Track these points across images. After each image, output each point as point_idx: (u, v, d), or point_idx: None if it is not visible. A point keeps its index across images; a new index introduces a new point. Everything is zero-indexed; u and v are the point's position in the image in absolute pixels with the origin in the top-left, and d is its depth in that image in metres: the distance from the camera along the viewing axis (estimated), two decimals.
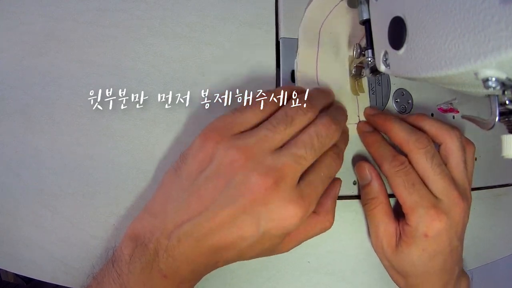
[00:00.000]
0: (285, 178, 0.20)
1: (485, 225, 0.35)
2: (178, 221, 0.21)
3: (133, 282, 0.21)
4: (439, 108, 0.33)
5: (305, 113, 0.23)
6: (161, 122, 0.28)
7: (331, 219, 0.25)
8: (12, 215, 0.26)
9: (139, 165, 0.27)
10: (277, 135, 0.21)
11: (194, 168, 0.22)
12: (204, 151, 0.22)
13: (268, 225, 0.21)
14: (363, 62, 0.28)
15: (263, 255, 0.24)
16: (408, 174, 0.26)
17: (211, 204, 0.21)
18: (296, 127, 0.22)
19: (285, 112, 0.23)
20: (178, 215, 0.21)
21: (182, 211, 0.21)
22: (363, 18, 0.26)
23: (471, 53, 0.15)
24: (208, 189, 0.21)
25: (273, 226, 0.21)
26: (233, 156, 0.21)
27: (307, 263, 0.30)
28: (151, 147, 0.27)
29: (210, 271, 0.24)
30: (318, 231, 0.25)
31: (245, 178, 0.20)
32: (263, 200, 0.20)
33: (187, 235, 0.21)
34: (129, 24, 0.28)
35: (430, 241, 0.25)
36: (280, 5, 0.31)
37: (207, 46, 0.29)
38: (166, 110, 0.28)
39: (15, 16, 0.27)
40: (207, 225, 0.21)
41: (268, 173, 0.20)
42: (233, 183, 0.20)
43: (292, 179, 0.21)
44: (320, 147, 0.22)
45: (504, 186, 0.36)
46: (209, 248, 0.21)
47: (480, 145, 0.34)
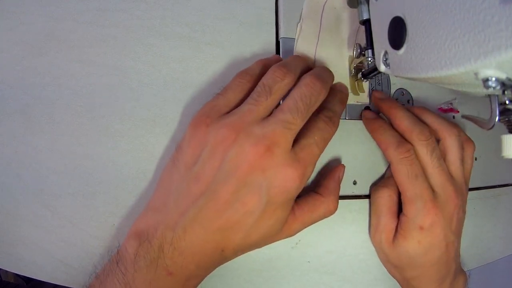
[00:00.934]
0: (276, 144, 0.21)
1: (485, 225, 0.35)
2: (182, 209, 0.21)
3: (139, 282, 0.21)
4: (439, 108, 0.33)
5: (282, 78, 0.23)
6: (161, 122, 0.28)
7: (335, 201, 0.26)
8: (12, 215, 0.26)
9: (139, 165, 0.27)
10: (260, 107, 0.22)
11: (189, 155, 0.23)
12: (197, 137, 0.23)
13: (269, 192, 0.21)
14: (363, 62, 0.28)
15: (269, 237, 0.23)
16: (413, 164, 0.26)
17: (211, 183, 0.21)
18: (277, 94, 0.23)
19: (263, 83, 0.23)
20: (180, 204, 0.22)
21: (184, 199, 0.22)
22: (363, 18, 0.26)
23: (471, 53, 0.15)
24: (206, 171, 0.21)
25: (274, 193, 0.21)
26: (223, 134, 0.21)
27: (307, 263, 0.30)
28: (151, 147, 0.27)
29: (216, 265, 0.24)
30: (322, 212, 0.25)
31: (238, 151, 0.21)
32: (259, 168, 0.20)
33: (192, 221, 0.21)
34: (129, 24, 0.28)
35: (425, 234, 0.26)
36: (280, 5, 0.31)
37: (207, 46, 0.29)
38: (166, 110, 0.28)
39: (15, 16, 0.27)
40: (211, 206, 0.21)
41: (259, 141, 0.21)
42: (228, 159, 0.21)
43: (284, 143, 0.21)
44: (306, 108, 0.22)
45: (504, 186, 0.36)
46: (215, 232, 0.21)
47: (480, 145, 0.34)
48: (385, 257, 0.29)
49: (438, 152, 0.26)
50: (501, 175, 0.36)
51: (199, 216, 0.21)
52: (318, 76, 0.24)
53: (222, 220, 0.21)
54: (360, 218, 0.31)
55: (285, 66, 0.24)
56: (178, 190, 0.22)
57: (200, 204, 0.21)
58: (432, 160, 0.26)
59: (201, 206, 0.21)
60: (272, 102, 0.23)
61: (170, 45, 0.29)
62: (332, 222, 0.30)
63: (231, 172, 0.21)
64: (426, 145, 0.26)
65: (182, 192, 0.22)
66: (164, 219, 0.22)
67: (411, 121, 0.27)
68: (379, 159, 0.31)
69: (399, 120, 0.27)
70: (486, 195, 0.35)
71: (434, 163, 0.26)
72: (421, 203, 0.25)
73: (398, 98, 0.32)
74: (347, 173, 0.30)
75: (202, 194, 0.21)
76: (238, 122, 0.22)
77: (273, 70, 0.24)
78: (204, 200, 0.21)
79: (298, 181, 0.21)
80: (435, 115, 0.28)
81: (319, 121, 0.24)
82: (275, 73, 0.23)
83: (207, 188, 0.21)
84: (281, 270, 0.29)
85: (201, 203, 0.21)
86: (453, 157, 0.27)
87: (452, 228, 0.26)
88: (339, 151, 0.30)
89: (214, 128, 0.22)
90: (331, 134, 0.25)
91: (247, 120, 0.22)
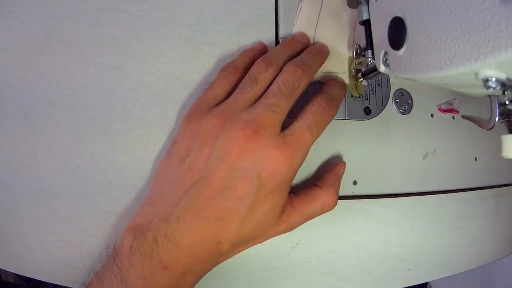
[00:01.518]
0: (263, 126, 0.21)
1: (485, 225, 0.35)
2: (175, 200, 0.22)
3: (134, 276, 0.21)
4: (439, 108, 0.33)
5: (266, 69, 0.24)
6: (161, 122, 0.28)
7: (333, 194, 0.26)
8: (12, 215, 0.26)
9: (139, 165, 0.27)
10: (247, 95, 0.23)
11: (183, 148, 0.23)
12: (189, 130, 0.23)
13: (259, 176, 0.21)
14: (362, 63, 0.28)
15: (266, 227, 0.23)
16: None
17: (203, 171, 0.21)
18: (263, 83, 0.24)
19: (249, 75, 0.24)
20: (174, 194, 0.22)
21: (177, 189, 0.22)
22: (363, 18, 0.26)
23: (471, 53, 0.15)
24: (198, 160, 0.22)
25: (264, 176, 0.21)
26: (212, 123, 0.22)
27: (307, 263, 0.30)
28: (151, 147, 0.27)
29: (213, 261, 0.23)
30: (320, 205, 0.25)
31: (226, 137, 0.21)
32: (248, 151, 0.21)
33: (185, 211, 0.21)
34: (129, 24, 0.28)
35: None
36: (280, 5, 0.31)
37: (207, 46, 0.29)
38: (166, 110, 0.28)
39: (15, 16, 0.27)
40: (203, 194, 0.21)
41: (246, 125, 0.21)
42: (217, 146, 0.21)
43: (271, 126, 0.22)
44: (290, 91, 0.23)
45: (504, 186, 0.36)
46: (209, 222, 0.21)
47: (480, 145, 0.34)
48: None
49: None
50: (501, 175, 0.36)
51: (192, 205, 0.21)
52: (299, 63, 0.24)
53: (215, 208, 0.21)
54: (360, 218, 0.31)
55: (268, 58, 0.25)
56: (172, 182, 0.23)
57: (192, 193, 0.21)
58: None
59: (194, 195, 0.21)
60: (259, 90, 0.24)
61: (170, 45, 0.29)
62: (332, 222, 0.30)
63: (221, 158, 0.21)
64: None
65: (176, 183, 0.22)
66: (159, 211, 0.22)
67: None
68: (379, 159, 0.31)
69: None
70: (486, 195, 0.35)
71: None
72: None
73: (398, 98, 0.32)
74: (347, 173, 0.30)
75: (195, 183, 0.21)
76: (226, 111, 0.23)
77: (257, 63, 0.25)
78: (196, 188, 0.21)
79: (287, 164, 0.21)
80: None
81: (314, 104, 0.24)
82: (259, 66, 0.25)
83: (200, 176, 0.21)
84: (281, 270, 0.29)
85: (194, 191, 0.21)
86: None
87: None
88: (339, 151, 0.30)
89: (204, 119, 0.23)
90: (326, 118, 0.24)
91: (235, 108, 0.23)
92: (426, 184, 0.33)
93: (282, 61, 0.25)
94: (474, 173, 0.30)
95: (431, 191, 0.32)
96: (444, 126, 0.33)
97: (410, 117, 0.32)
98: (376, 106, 0.31)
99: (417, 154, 0.33)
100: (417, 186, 0.32)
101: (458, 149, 0.34)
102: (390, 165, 0.32)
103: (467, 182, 0.34)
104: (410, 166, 0.32)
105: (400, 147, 0.32)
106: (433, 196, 0.32)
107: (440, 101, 0.33)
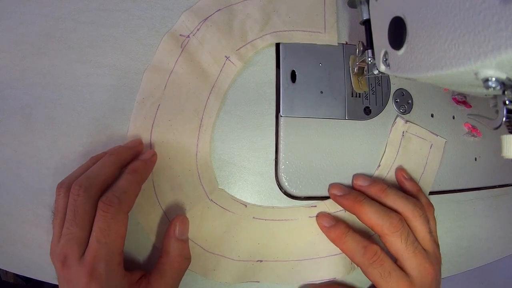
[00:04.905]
0: (66, 257, 0.22)
1: (485, 225, 0.35)
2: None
3: None
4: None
5: (76, 200, 0.22)
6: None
7: (179, 256, 0.25)
8: (12, 215, 0.26)
9: None
10: (55, 229, 0.23)
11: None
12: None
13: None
14: (365, 61, 0.28)
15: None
16: (383, 264, 0.26)
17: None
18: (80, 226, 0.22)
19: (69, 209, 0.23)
20: None
21: None
22: (363, 18, 0.26)
23: (471, 53, 0.15)
24: None
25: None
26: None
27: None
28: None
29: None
30: (175, 272, 0.25)
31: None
32: (65, 282, 0.22)
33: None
34: (129, 24, 0.28)
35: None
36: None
37: None
38: None
39: (15, 16, 0.27)
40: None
41: (57, 260, 0.22)
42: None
43: (71, 254, 0.22)
44: (73, 216, 0.22)
45: (504, 186, 0.36)
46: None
47: (480, 145, 0.34)
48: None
49: (411, 236, 0.26)
50: (501, 175, 0.36)
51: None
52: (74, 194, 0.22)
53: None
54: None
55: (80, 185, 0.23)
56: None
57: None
58: (407, 247, 0.26)
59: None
60: (79, 229, 0.22)
61: None
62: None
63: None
64: (400, 234, 0.26)
65: None
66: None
67: (380, 215, 0.26)
68: (379, 159, 0.31)
69: (367, 217, 0.27)
70: (486, 195, 0.35)
71: (409, 249, 0.26)
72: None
73: (398, 98, 0.32)
74: (347, 173, 0.30)
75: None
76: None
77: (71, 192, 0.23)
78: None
79: (92, 284, 0.21)
80: (394, 195, 0.28)
81: (96, 214, 0.22)
82: (72, 194, 0.23)
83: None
84: None
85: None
86: (422, 234, 0.27)
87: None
88: (339, 151, 0.30)
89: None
90: (108, 220, 0.22)
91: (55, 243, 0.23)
92: None
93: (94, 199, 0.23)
94: (474, 173, 0.30)
95: (431, 191, 0.32)
96: (444, 126, 0.33)
97: (410, 117, 0.32)
98: (376, 106, 0.31)
99: None
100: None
101: (458, 149, 0.34)
102: None
103: (467, 182, 0.34)
104: None
105: None
106: (433, 196, 0.32)
107: (440, 101, 0.33)
